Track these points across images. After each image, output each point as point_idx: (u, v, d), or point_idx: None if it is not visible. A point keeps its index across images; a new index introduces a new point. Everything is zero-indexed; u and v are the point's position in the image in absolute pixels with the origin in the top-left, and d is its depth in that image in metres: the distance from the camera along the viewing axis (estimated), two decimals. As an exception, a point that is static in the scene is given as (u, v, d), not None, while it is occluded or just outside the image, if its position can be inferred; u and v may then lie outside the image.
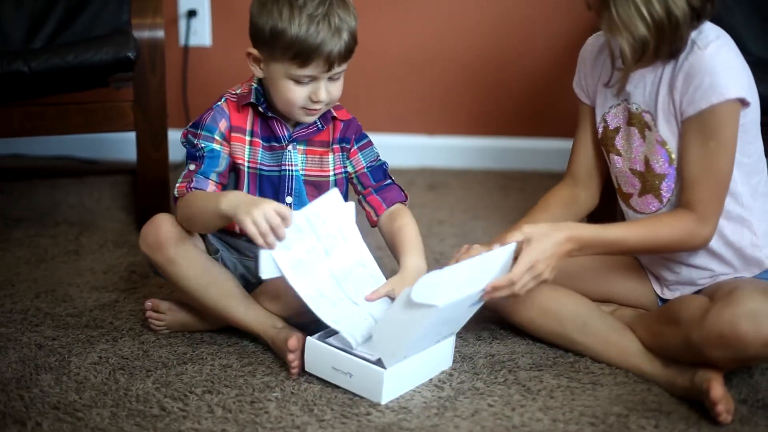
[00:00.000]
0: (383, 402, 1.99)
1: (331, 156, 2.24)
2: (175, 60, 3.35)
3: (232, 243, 2.25)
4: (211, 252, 2.19)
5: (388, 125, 3.39)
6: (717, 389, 1.89)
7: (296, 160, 2.22)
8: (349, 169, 2.25)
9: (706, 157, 1.96)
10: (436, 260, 2.56)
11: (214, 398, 2.00)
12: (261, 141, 2.20)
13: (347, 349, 2.02)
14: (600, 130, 2.14)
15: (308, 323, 2.15)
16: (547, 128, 3.34)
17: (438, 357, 2.08)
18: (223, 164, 2.17)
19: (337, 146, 2.24)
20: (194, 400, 2.00)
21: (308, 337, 2.07)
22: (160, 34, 2.71)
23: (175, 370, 2.10)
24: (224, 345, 2.21)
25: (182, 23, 3.38)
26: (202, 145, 2.16)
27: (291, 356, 2.06)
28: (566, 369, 2.10)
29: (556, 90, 3.26)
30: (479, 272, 1.95)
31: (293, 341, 2.06)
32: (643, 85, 2.04)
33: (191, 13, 3.36)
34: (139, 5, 2.76)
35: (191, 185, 2.13)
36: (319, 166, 2.23)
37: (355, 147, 2.25)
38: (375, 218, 2.25)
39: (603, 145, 2.16)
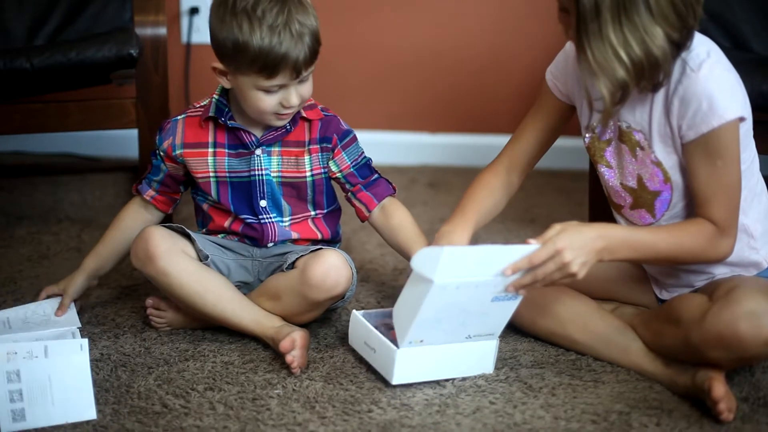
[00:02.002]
0: (394, 382, 2.00)
1: (307, 157, 2.22)
2: (177, 57, 3.36)
3: (225, 244, 2.26)
4: (201, 258, 2.19)
5: (389, 123, 3.39)
6: (718, 388, 1.89)
7: (267, 163, 2.21)
8: (334, 168, 2.24)
9: (716, 175, 1.95)
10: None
11: (215, 395, 2.00)
12: (227, 150, 2.20)
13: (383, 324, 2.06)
14: (587, 137, 2.12)
15: (308, 323, 2.16)
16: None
17: (472, 356, 2.06)
18: (160, 176, 2.28)
19: (316, 146, 2.22)
20: (196, 397, 2.00)
21: (353, 311, 2.11)
22: (162, 31, 2.71)
23: (177, 367, 2.11)
24: (226, 342, 2.21)
25: (184, 20, 3.38)
26: (154, 152, 2.26)
27: (289, 357, 2.06)
28: (568, 367, 2.11)
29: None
30: (493, 262, 1.92)
31: (285, 343, 2.06)
32: (632, 104, 2.01)
33: (193, 11, 3.37)
34: (142, 2, 2.76)
35: (138, 187, 2.31)
36: (295, 167, 2.22)
37: (339, 146, 2.23)
38: (367, 214, 2.27)
39: (590, 155, 2.14)
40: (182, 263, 2.15)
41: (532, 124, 2.20)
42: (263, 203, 2.22)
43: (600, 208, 2.36)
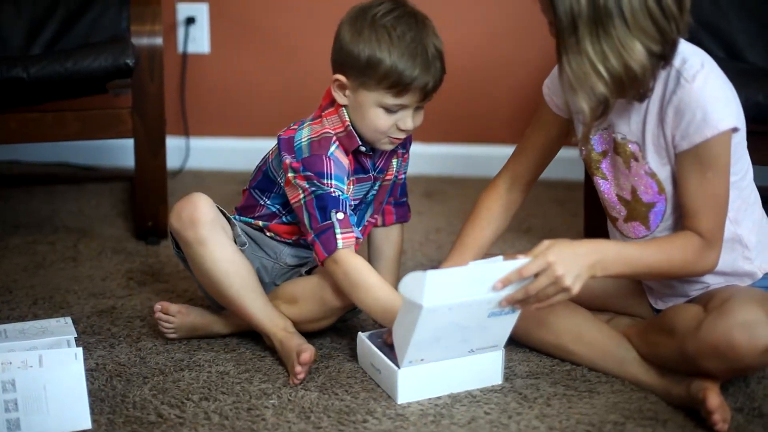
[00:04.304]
0: (399, 401, 2.01)
1: (394, 161, 2.27)
2: (173, 67, 3.36)
3: (257, 238, 2.25)
4: (239, 243, 2.18)
5: (385, 133, 3.39)
6: (713, 398, 1.89)
7: (377, 186, 2.24)
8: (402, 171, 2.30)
9: (706, 187, 1.94)
10: (434, 268, 2.56)
11: (211, 405, 2.00)
12: (354, 176, 2.20)
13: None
14: (583, 150, 2.13)
15: (321, 330, 2.16)
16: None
17: (477, 368, 2.06)
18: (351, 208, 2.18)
19: (401, 150, 2.27)
20: (191, 407, 2.00)
21: (359, 333, 2.12)
22: (158, 41, 2.72)
23: (172, 377, 2.11)
24: (221, 352, 2.21)
25: (181, 30, 3.38)
26: (338, 193, 2.11)
27: (299, 368, 2.06)
28: (563, 377, 2.11)
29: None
30: (482, 280, 1.92)
31: (307, 356, 2.06)
32: (627, 115, 2.01)
33: (190, 21, 3.37)
34: (138, 12, 2.77)
35: (357, 236, 2.12)
36: (384, 173, 2.27)
37: (407, 153, 2.30)
38: (378, 224, 2.31)
39: (587, 167, 2.14)
40: (222, 238, 2.13)
41: (531, 139, 2.20)
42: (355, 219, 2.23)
43: (595, 219, 2.36)
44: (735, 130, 1.93)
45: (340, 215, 2.09)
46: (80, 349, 1.94)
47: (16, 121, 2.70)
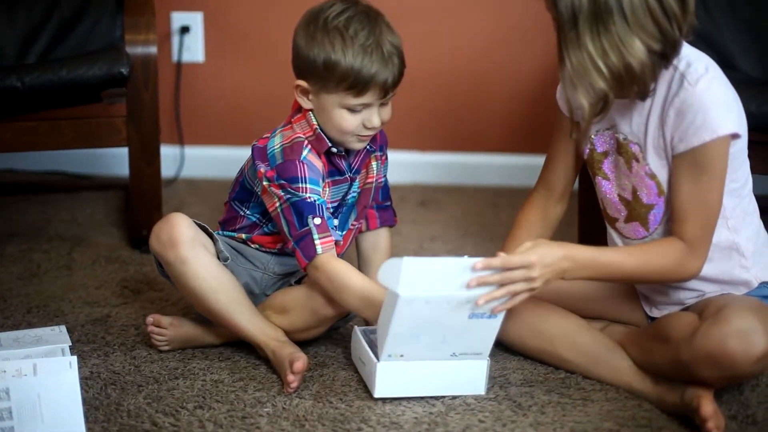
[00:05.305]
0: (376, 395, 2.01)
1: (374, 163, 2.28)
2: (168, 76, 3.36)
3: (242, 251, 2.26)
4: (221, 259, 2.19)
5: (380, 141, 3.40)
6: (707, 406, 1.90)
7: (355, 188, 2.25)
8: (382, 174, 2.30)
9: (698, 191, 1.95)
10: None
11: (205, 413, 2.00)
12: (328, 179, 2.20)
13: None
14: (586, 151, 2.13)
15: (312, 339, 2.16)
16: (539, 144, 3.34)
17: (462, 375, 2.05)
18: (328, 211, 2.17)
19: (379, 153, 2.28)
20: (185, 416, 2.00)
21: (355, 327, 2.14)
22: (153, 50, 2.72)
23: (167, 386, 2.11)
24: (216, 360, 2.21)
25: (175, 39, 3.39)
26: (315, 197, 2.11)
27: (291, 377, 2.06)
28: (557, 385, 2.11)
29: (546, 106, 3.27)
30: (461, 275, 1.92)
31: (299, 364, 2.06)
32: (629, 116, 2.02)
33: (184, 30, 3.37)
34: (132, 21, 2.77)
35: (334, 239, 2.12)
36: (366, 176, 2.27)
37: (385, 155, 2.31)
38: (363, 230, 2.32)
39: (589, 167, 2.15)
40: (203, 256, 2.14)
41: (555, 147, 2.21)
42: (335, 221, 2.23)
43: (590, 226, 2.36)
44: (735, 136, 1.94)
45: (318, 220, 2.10)
46: (75, 357, 1.93)
47: (11, 130, 2.70)
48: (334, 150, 2.17)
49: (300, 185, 2.10)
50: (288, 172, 2.11)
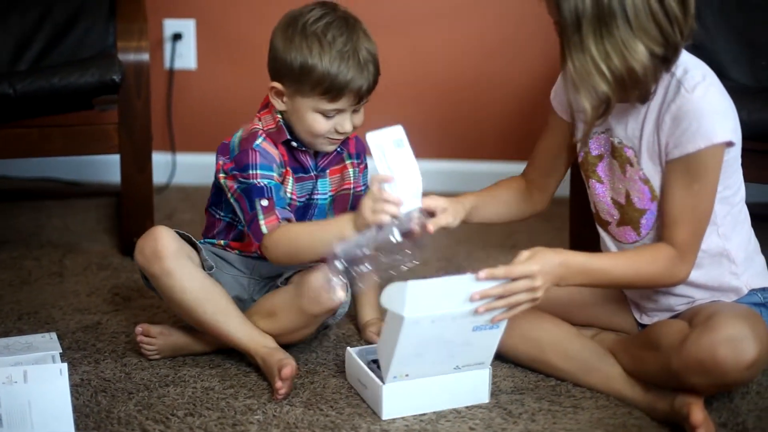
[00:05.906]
0: (383, 417, 2.01)
1: (351, 170, 2.28)
2: (160, 83, 3.36)
3: (225, 257, 2.26)
4: (206, 268, 2.19)
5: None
6: (697, 413, 1.90)
7: (324, 188, 2.25)
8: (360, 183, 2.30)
9: (690, 198, 1.96)
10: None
11: (196, 421, 2.00)
12: (291, 172, 2.21)
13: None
14: (581, 154, 2.14)
15: (300, 343, 2.16)
16: (531, 152, 3.35)
17: (465, 386, 2.06)
18: (286, 197, 2.18)
19: (353, 161, 2.29)
20: (176, 423, 1.99)
21: (348, 348, 2.13)
22: (145, 57, 2.72)
23: (157, 393, 2.10)
24: (206, 367, 2.21)
25: (167, 46, 3.39)
26: (264, 182, 2.13)
27: (279, 383, 2.06)
28: (547, 392, 2.11)
29: (542, 114, 3.27)
30: (464, 292, 1.93)
31: (288, 370, 2.06)
32: (625, 120, 2.03)
33: (176, 37, 3.38)
34: (125, 28, 2.77)
35: (281, 217, 2.11)
36: (340, 182, 2.28)
37: (365, 163, 2.31)
38: None
39: (583, 170, 2.15)
40: (188, 267, 2.14)
41: (539, 144, 2.24)
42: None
43: (581, 234, 2.36)
44: (730, 144, 1.94)
45: (264, 202, 2.11)
46: (65, 364, 1.93)
47: (3, 136, 2.70)
48: (294, 144, 2.18)
49: (250, 172, 2.13)
50: (241, 161, 2.14)
